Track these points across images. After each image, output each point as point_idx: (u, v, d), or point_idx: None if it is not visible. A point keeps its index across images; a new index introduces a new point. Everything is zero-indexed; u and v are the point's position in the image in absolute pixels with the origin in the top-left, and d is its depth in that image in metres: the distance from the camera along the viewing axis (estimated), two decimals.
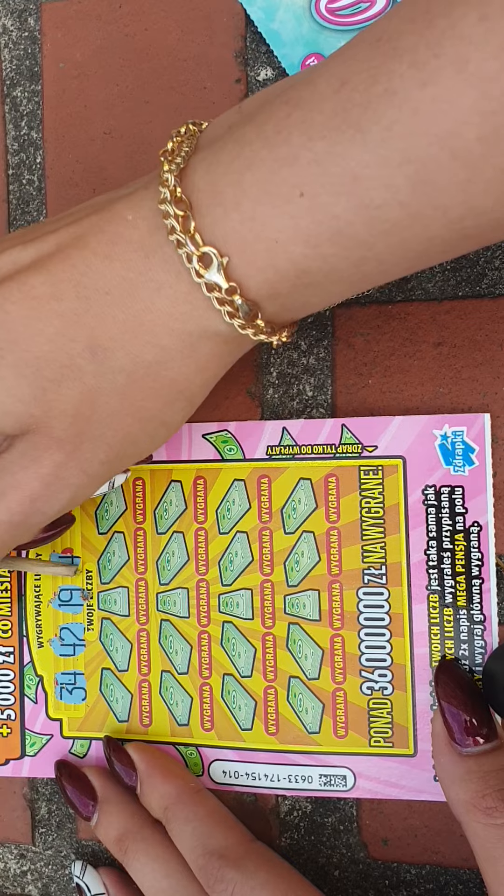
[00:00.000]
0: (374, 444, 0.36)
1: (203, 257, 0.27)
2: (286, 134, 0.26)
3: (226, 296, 0.27)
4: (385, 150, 0.24)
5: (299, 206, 0.26)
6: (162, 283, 0.28)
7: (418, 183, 0.24)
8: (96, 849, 0.40)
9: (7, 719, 0.40)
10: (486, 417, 0.35)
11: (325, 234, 0.26)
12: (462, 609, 0.35)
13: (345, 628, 0.36)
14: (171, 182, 0.28)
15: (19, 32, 0.40)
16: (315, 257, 0.26)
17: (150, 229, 0.28)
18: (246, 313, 0.28)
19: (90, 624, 0.39)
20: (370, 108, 0.24)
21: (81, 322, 0.29)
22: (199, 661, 0.38)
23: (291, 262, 0.27)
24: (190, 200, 0.28)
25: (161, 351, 0.29)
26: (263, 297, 0.28)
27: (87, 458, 0.30)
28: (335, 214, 0.25)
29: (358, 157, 0.25)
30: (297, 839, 0.38)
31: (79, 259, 0.29)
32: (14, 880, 0.41)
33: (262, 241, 0.27)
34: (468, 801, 0.31)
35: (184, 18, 0.38)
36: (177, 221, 0.27)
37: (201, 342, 0.29)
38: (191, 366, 0.29)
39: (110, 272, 0.28)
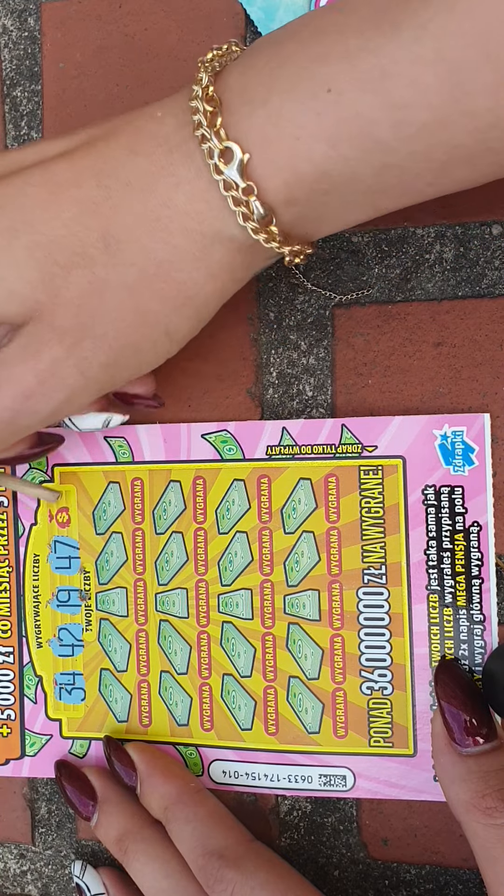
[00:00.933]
0: (374, 444, 0.36)
1: (225, 153, 0.27)
2: (322, 35, 0.26)
3: (242, 196, 0.27)
4: (418, 48, 0.24)
5: (325, 101, 0.26)
6: (182, 178, 0.28)
7: (448, 84, 0.24)
8: (96, 849, 0.40)
9: (7, 719, 0.40)
10: (485, 417, 0.35)
11: (348, 132, 0.26)
12: (462, 609, 0.35)
13: (345, 628, 0.36)
14: (204, 80, 0.28)
15: (19, 32, 0.40)
16: (336, 159, 0.26)
17: (178, 125, 0.28)
18: (261, 217, 0.28)
19: (88, 624, 0.39)
20: (408, 7, 0.24)
21: (99, 211, 0.29)
22: (199, 661, 0.38)
23: (311, 162, 0.27)
24: (220, 98, 0.28)
25: (174, 250, 0.29)
26: (280, 202, 0.28)
27: (87, 357, 0.30)
28: (360, 112, 0.25)
29: (389, 53, 0.24)
30: (297, 839, 0.38)
31: (104, 149, 0.29)
32: (14, 880, 0.41)
33: (284, 137, 0.27)
34: (468, 801, 0.31)
35: (184, 18, 0.38)
36: (204, 117, 0.27)
37: (214, 246, 0.29)
38: (201, 270, 0.29)
39: (132, 164, 0.28)
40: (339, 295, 0.37)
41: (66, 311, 0.29)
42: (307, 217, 0.29)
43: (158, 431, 0.38)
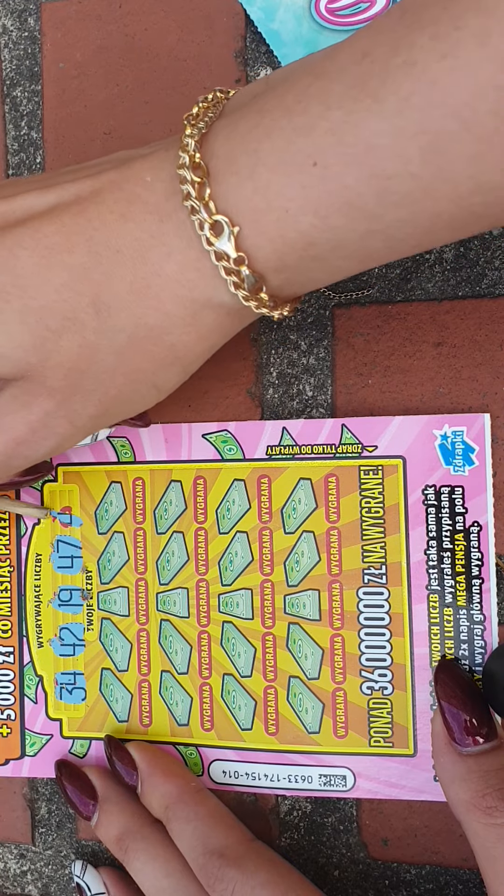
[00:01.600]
0: (374, 444, 0.36)
1: (215, 225, 0.27)
2: (305, 104, 0.26)
3: (234, 266, 0.28)
4: (400, 121, 0.24)
5: (311, 175, 0.26)
6: (173, 248, 0.28)
7: (431, 154, 0.24)
8: (96, 848, 0.40)
9: (7, 719, 0.40)
10: (486, 417, 0.35)
11: (335, 204, 0.26)
12: (462, 609, 0.35)
13: (345, 628, 0.36)
14: (190, 147, 0.28)
15: (19, 32, 0.40)
16: (323, 228, 0.27)
17: (167, 193, 0.29)
18: (251, 285, 0.28)
19: (90, 624, 0.39)
20: (388, 79, 0.24)
21: (90, 277, 0.29)
22: (199, 660, 0.38)
23: (300, 232, 0.27)
24: (207, 167, 0.28)
25: (164, 316, 0.29)
26: (270, 270, 0.28)
27: (76, 410, 0.30)
28: (346, 185, 0.26)
29: (373, 126, 0.25)
30: (297, 839, 0.38)
31: (94, 214, 0.29)
32: (14, 880, 0.41)
33: (273, 210, 0.27)
34: (468, 800, 0.31)
35: (184, 18, 0.38)
36: (193, 188, 0.27)
37: (204, 311, 0.29)
38: (191, 334, 0.30)
39: (124, 231, 0.29)
40: (338, 295, 0.37)
41: (57, 372, 0.29)
42: (296, 280, 0.29)
43: (160, 431, 0.38)
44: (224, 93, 0.31)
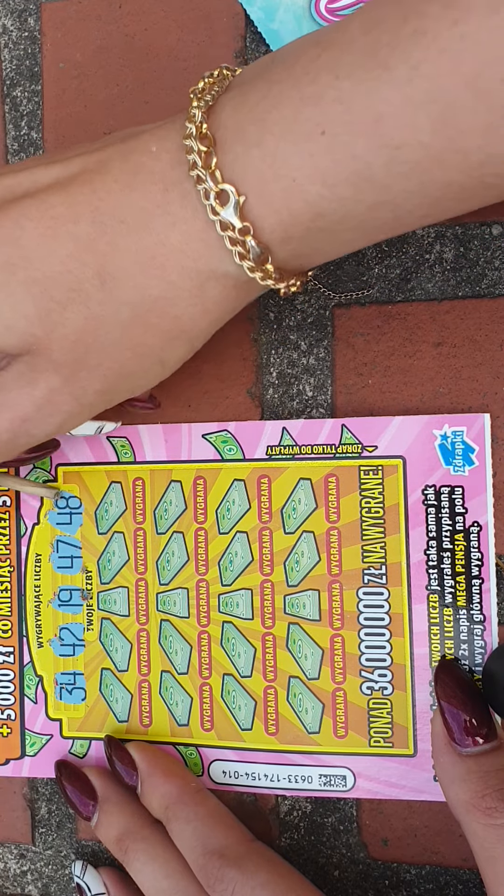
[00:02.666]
0: (374, 444, 0.36)
1: (220, 194, 0.27)
2: (314, 74, 0.26)
3: (239, 236, 0.28)
4: (410, 89, 0.24)
5: (319, 144, 0.26)
6: (178, 217, 0.28)
7: (441, 124, 0.24)
8: (96, 849, 0.40)
9: (7, 719, 0.40)
10: (486, 417, 0.35)
11: (343, 173, 0.26)
12: (462, 609, 0.35)
13: (345, 628, 0.36)
14: (197, 118, 0.28)
15: (19, 32, 0.40)
16: (331, 198, 0.26)
17: (173, 163, 0.28)
18: (257, 256, 0.28)
19: (90, 624, 0.39)
20: (398, 48, 0.24)
21: (95, 248, 0.29)
22: (199, 661, 0.38)
23: (307, 202, 0.27)
24: (214, 137, 0.28)
25: (169, 287, 0.29)
26: (276, 241, 0.28)
27: (82, 387, 0.30)
28: (354, 154, 0.25)
29: (382, 95, 0.25)
30: (297, 839, 0.38)
31: (100, 184, 0.29)
32: (14, 880, 0.41)
33: (279, 179, 0.27)
34: (468, 801, 0.31)
35: (184, 18, 0.38)
36: (199, 157, 0.27)
37: (209, 283, 0.29)
38: (197, 306, 0.29)
39: (129, 201, 0.28)
40: (339, 295, 0.37)
41: (62, 345, 0.29)
42: (302, 252, 0.29)
43: (160, 431, 0.38)
44: (230, 70, 0.31)
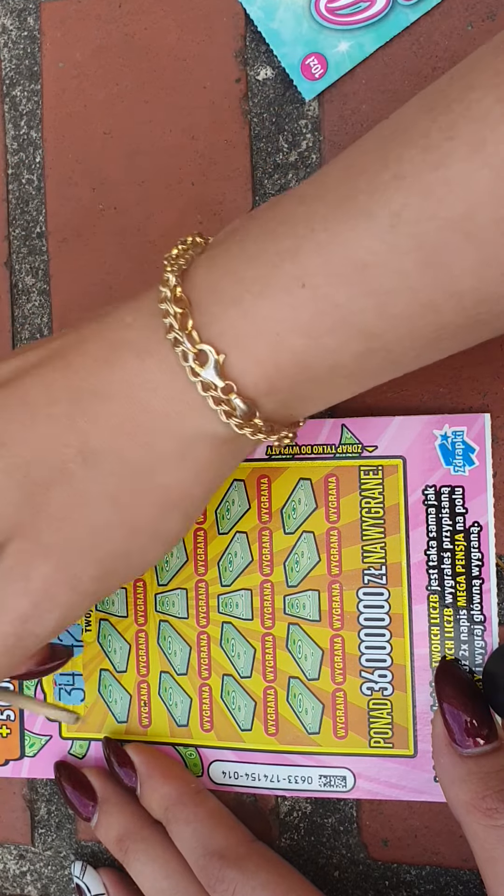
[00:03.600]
0: (374, 444, 0.36)
1: (199, 355, 0.26)
2: (290, 226, 0.25)
3: (222, 395, 0.27)
4: (394, 236, 0.24)
5: (300, 296, 0.25)
6: (158, 383, 0.27)
7: (430, 268, 0.24)
8: (96, 849, 0.40)
9: (6, 720, 0.40)
10: (486, 417, 0.35)
11: (327, 324, 0.25)
12: (462, 609, 0.35)
13: (345, 628, 0.36)
14: (171, 281, 0.27)
15: (19, 32, 0.40)
16: (316, 349, 0.26)
17: (149, 330, 0.28)
18: (244, 412, 0.27)
19: (88, 625, 0.39)
20: (377, 193, 0.24)
21: (75, 426, 0.28)
22: (199, 661, 0.38)
23: (291, 354, 0.26)
24: (189, 299, 0.27)
25: (155, 454, 0.28)
26: (261, 394, 0.27)
27: (76, 574, 0.29)
28: (337, 303, 0.25)
29: (365, 244, 0.24)
30: (297, 840, 0.37)
31: (79, 364, 0.28)
32: (13, 881, 0.41)
33: (261, 334, 0.26)
34: (468, 802, 0.31)
35: (184, 18, 0.38)
36: (175, 319, 0.27)
37: (197, 444, 0.28)
38: (186, 470, 0.28)
39: (107, 375, 0.28)
40: None
41: (50, 525, 0.28)
42: (290, 402, 0.28)
43: None
44: (203, 238, 0.30)
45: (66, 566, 0.29)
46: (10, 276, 0.40)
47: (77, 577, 0.29)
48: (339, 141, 0.36)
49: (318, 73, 0.36)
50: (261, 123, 0.37)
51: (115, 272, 0.39)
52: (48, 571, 0.28)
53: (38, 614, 0.29)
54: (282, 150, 0.37)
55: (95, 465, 0.28)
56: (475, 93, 0.23)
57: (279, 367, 0.26)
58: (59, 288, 0.39)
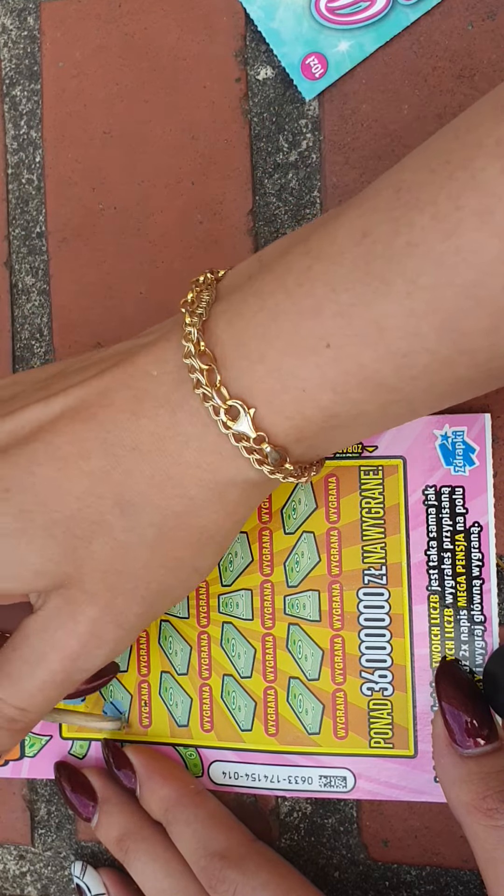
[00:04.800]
0: (374, 444, 0.36)
1: (230, 409, 0.27)
2: (308, 286, 0.26)
3: (254, 444, 0.27)
4: (410, 302, 0.24)
5: (325, 356, 0.26)
6: (189, 436, 0.28)
7: (445, 331, 0.24)
8: (96, 850, 0.40)
9: None
10: (486, 417, 0.35)
11: (353, 381, 0.26)
12: (462, 609, 0.35)
13: (345, 629, 0.36)
14: (194, 336, 0.28)
15: (19, 31, 0.40)
16: (343, 402, 0.27)
17: (176, 383, 0.28)
18: (275, 459, 0.28)
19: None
20: (394, 261, 0.24)
21: (109, 479, 0.28)
22: (199, 661, 0.38)
23: (319, 408, 0.27)
24: (214, 353, 0.27)
25: (190, 502, 0.29)
26: (291, 442, 0.28)
27: (122, 612, 0.30)
28: (362, 363, 0.26)
29: (383, 308, 0.25)
30: (297, 840, 0.37)
31: (105, 417, 0.29)
32: (13, 881, 0.41)
33: (289, 390, 0.27)
34: (469, 802, 0.31)
35: (184, 18, 0.38)
36: (202, 375, 0.27)
37: (229, 489, 0.29)
38: (220, 512, 0.29)
39: (137, 429, 0.28)
40: None
41: (94, 577, 0.29)
42: (318, 446, 0.29)
43: None
44: (214, 273, 0.30)
45: (111, 608, 0.29)
46: (10, 275, 0.40)
47: (122, 614, 0.30)
48: (339, 140, 0.36)
49: (318, 73, 0.36)
50: (261, 123, 0.37)
51: (114, 272, 0.39)
52: (94, 614, 0.29)
53: (86, 652, 0.30)
54: (282, 150, 0.37)
55: (133, 516, 0.29)
56: (478, 161, 0.24)
57: (307, 418, 0.27)
58: (58, 288, 0.39)
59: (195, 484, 0.29)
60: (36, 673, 0.30)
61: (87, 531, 0.29)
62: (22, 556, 0.29)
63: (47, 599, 0.30)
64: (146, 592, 0.30)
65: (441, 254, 0.24)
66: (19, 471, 0.29)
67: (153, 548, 0.29)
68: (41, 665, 0.30)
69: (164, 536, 0.29)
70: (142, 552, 0.29)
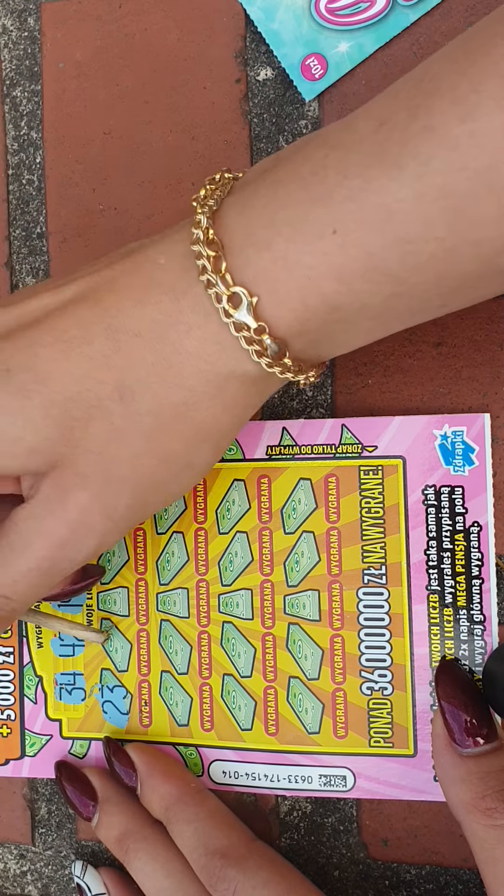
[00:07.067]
0: (374, 444, 0.36)
1: (232, 297, 0.27)
2: (322, 174, 0.26)
3: (254, 335, 0.28)
4: (421, 185, 0.24)
5: (332, 242, 0.26)
6: (191, 324, 0.28)
7: (454, 217, 0.24)
8: (96, 849, 0.40)
9: (7, 719, 0.40)
10: (486, 417, 0.35)
11: (358, 269, 0.26)
12: (462, 609, 0.35)
13: (345, 628, 0.36)
14: (203, 223, 0.28)
15: (19, 32, 0.40)
16: (346, 293, 0.27)
17: (182, 271, 0.28)
18: (274, 352, 0.28)
19: (89, 624, 0.39)
20: (408, 144, 0.25)
21: (111, 364, 0.29)
22: (199, 661, 0.38)
23: (322, 298, 0.27)
24: (222, 241, 0.28)
25: (188, 392, 0.29)
26: (292, 335, 0.28)
27: (112, 502, 0.30)
28: (368, 251, 0.26)
29: (394, 192, 0.25)
30: (297, 839, 0.38)
31: (111, 302, 0.29)
32: (14, 881, 0.41)
33: (293, 278, 0.27)
34: (468, 801, 0.31)
35: (184, 18, 0.38)
36: (208, 262, 0.27)
37: (228, 382, 0.29)
38: (218, 406, 0.29)
39: (141, 315, 0.29)
40: None
41: (88, 459, 0.29)
42: (319, 342, 0.29)
43: None
44: (231, 174, 0.31)
45: (103, 495, 0.30)
46: (11, 276, 0.40)
47: (113, 505, 0.30)
48: None
49: (318, 74, 0.36)
50: (261, 124, 0.37)
51: None
52: (85, 501, 0.29)
53: (74, 540, 0.30)
54: None
55: (131, 402, 0.29)
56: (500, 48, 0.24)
57: (309, 309, 0.27)
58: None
59: (194, 374, 0.29)
60: (21, 560, 0.30)
61: (85, 414, 0.29)
62: (18, 433, 0.29)
63: (38, 489, 0.30)
64: (137, 483, 0.30)
65: (456, 137, 0.24)
66: (22, 352, 0.29)
67: (149, 437, 0.29)
68: (27, 551, 0.30)
69: (160, 426, 0.29)
70: (137, 440, 0.29)
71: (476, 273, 0.26)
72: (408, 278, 0.26)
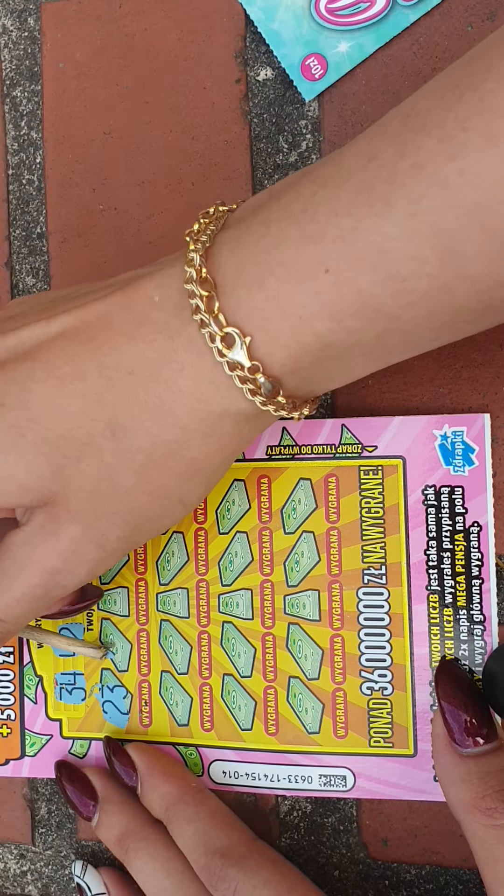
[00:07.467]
0: (374, 444, 0.36)
1: (226, 337, 0.27)
2: (312, 212, 0.26)
3: (248, 374, 0.27)
4: (413, 224, 0.24)
5: (324, 281, 0.26)
6: (185, 363, 0.28)
7: (446, 255, 0.24)
8: (96, 849, 0.40)
9: (7, 719, 0.40)
10: (486, 417, 0.35)
11: (350, 307, 0.26)
12: (462, 609, 0.35)
13: (345, 628, 0.36)
14: (196, 262, 0.28)
15: (19, 32, 0.40)
16: (339, 330, 0.27)
17: (175, 310, 0.28)
18: (268, 390, 0.28)
19: (90, 624, 0.39)
20: (397, 183, 0.24)
21: (103, 401, 0.29)
22: (199, 661, 0.38)
23: (315, 336, 0.27)
24: (214, 280, 0.28)
25: (181, 431, 0.29)
26: (286, 373, 0.28)
27: (103, 534, 0.30)
28: (360, 288, 0.26)
29: (385, 230, 0.25)
30: (297, 839, 0.38)
31: (104, 339, 0.29)
32: (14, 880, 0.41)
33: (286, 318, 0.27)
34: (468, 801, 0.31)
35: (184, 18, 0.38)
36: (201, 301, 0.27)
37: (222, 421, 0.29)
38: (211, 444, 0.29)
39: (135, 352, 0.28)
40: None
41: (79, 496, 0.29)
42: (312, 379, 0.29)
43: None
44: (226, 206, 0.31)
45: (94, 528, 0.30)
46: (11, 276, 0.40)
47: (104, 536, 0.30)
48: (340, 141, 0.36)
49: (318, 74, 0.36)
50: (261, 124, 0.37)
51: (115, 273, 0.39)
52: (77, 533, 0.30)
53: (66, 569, 0.30)
54: (282, 151, 0.37)
55: (123, 440, 0.29)
56: (488, 84, 0.24)
57: (303, 347, 0.27)
58: (59, 288, 0.39)
59: (187, 412, 0.29)
60: (15, 585, 0.30)
61: (77, 451, 0.29)
62: (10, 470, 0.29)
63: (32, 516, 0.30)
64: (129, 517, 0.30)
65: (446, 175, 0.24)
66: (15, 387, 0.29)
67: (140, 474, 0.29)
68: (20, 577, 0.30)
69: (152, 463, 0.29)
70: (128, 477, 0.29)
71: (468, 308, 0.26)
72: (401, 314, 0.26)
